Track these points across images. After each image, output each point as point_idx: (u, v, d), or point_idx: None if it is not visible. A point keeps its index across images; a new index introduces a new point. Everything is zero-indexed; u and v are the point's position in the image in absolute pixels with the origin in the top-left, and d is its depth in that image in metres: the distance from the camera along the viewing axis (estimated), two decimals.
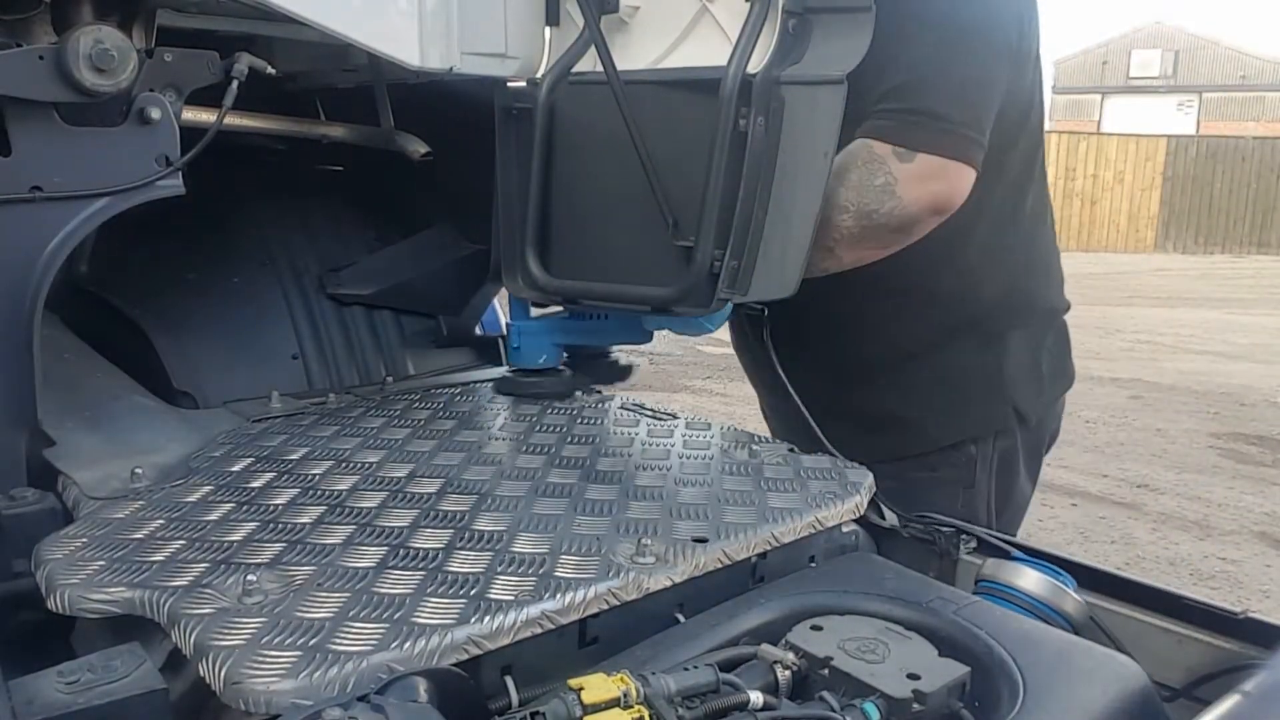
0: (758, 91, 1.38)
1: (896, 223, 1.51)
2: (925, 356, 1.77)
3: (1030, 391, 1.82)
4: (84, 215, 1.31)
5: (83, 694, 0.85)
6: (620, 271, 1.62)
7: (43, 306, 1.30)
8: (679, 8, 1.50)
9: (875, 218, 1.50)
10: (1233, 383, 8.18)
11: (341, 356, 2.02)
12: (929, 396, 1.78)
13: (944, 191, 1.51)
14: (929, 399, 1.78)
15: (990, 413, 1.79)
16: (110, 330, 1.79)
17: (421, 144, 2.03)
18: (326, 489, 1.33)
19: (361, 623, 0.95)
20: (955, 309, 1.76)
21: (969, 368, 1.77)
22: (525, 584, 1.05)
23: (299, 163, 2.28)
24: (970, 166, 1.51)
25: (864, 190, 1.50)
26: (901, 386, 1.79)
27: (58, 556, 1.09)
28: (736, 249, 1.44)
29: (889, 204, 1.49)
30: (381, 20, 1.44)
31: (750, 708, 0.89)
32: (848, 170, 1.51)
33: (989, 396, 1.78)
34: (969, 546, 1.34)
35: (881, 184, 1.49)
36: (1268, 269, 17.77)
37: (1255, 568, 4.49)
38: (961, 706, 0.93)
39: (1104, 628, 1.19)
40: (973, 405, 1.78)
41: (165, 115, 1.34)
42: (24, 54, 1.23)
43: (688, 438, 1.61)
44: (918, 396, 1.78)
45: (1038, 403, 1.84)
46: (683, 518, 1.25)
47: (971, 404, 1.78)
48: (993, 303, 1.77)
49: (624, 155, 1.51)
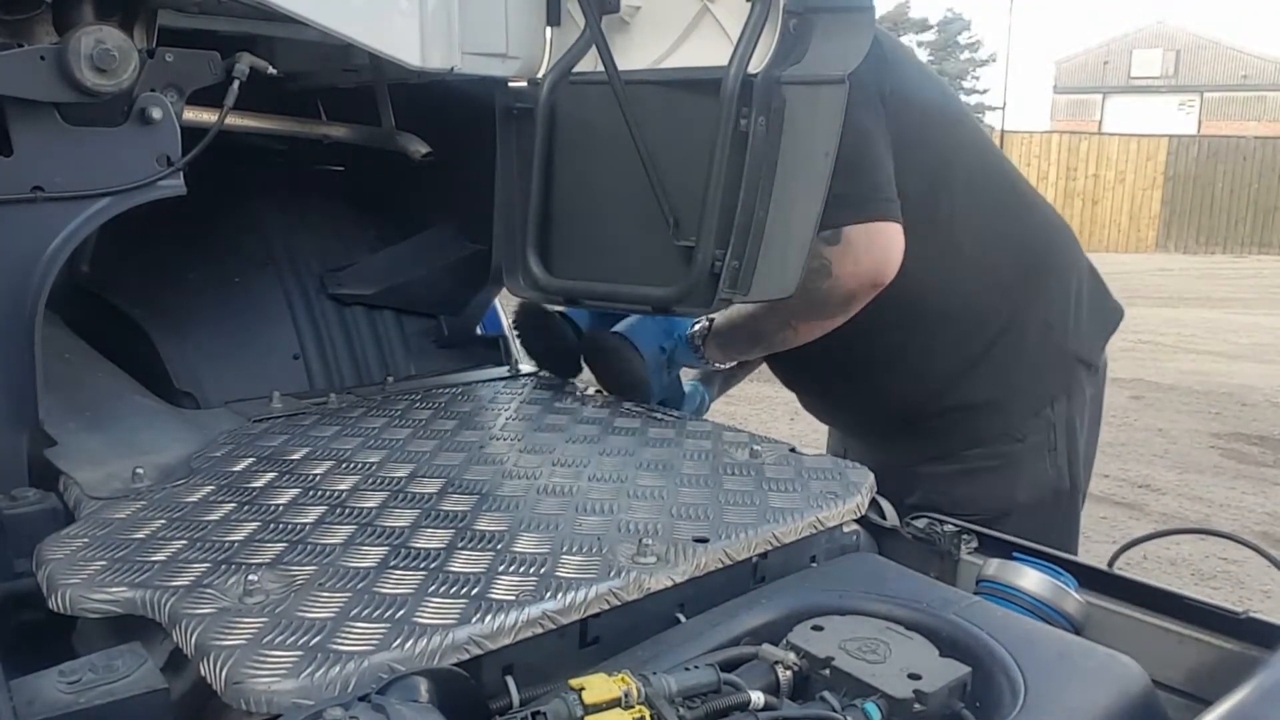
0: (759, 91, 1.38)
1: (838, 298, 1.66)
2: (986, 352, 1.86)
3: (1081, 336, 1.94)
4: (85, 215, 1.31)
5: (84, 694, 0.85)
6: (621, 271, 1.62)
7: (44, 306, 1.30)
8: (680, 7, 1.50)
9: (817, 295, 1.64)
10: (1234, 383, 8.17)
11: (342, 356, 2.02)
12: (1004, 379, 1.87)
13: (874, 264, 1.63)
14: (1005, 381, 1.87)
15: (1053, 375, 1.89)
16: (111, 330, 1.79)
17: (422, 144, 2.03)
18: (328, 489, 1.33)
19: (363, 622, 0.95)
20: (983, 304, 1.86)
21: (1024, 343, 1.87)
22: (526, 584, 1.05)
23: (300, 163, 2.29)
24: (889, 220, 1.63)
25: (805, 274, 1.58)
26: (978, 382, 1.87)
27: (59, 556, 1.09)
28: (737, 249, 1.44)
29: (826, 283, 1.63)
30: (382, 20, 1.44)
31: (751, 708, 0.89)
32: None
33: (1047, 360, 1.89)
34: (970, 546, 1.34)
35: (818, 266, 1.61)
36: (1269, 269, 17.75)
37: (1256, 568, 4.48)
38: (962, 707, 0.93)
39: None
40: (1038, 372, 1.88)
41: (166, 115, 1.34)
42: (25, 54, 1.23)
43: (689, 437, 1.61)
44: (994, 382, 1.87)
45: (1096, 340, 1.97)
46: (684, 518, 1.25)
47: (1037, 371, 1.88)
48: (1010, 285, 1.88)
49: (625, 155, 1.51)
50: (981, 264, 1.84)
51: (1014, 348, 1.87)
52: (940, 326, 1.83)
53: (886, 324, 1.76)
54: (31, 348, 1.30)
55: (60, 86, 1.24)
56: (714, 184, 1.42)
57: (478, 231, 1.97)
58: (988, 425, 1.87)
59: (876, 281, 1.64)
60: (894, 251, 1.63)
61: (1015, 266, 1.89)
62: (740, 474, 1.43)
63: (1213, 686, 1.07)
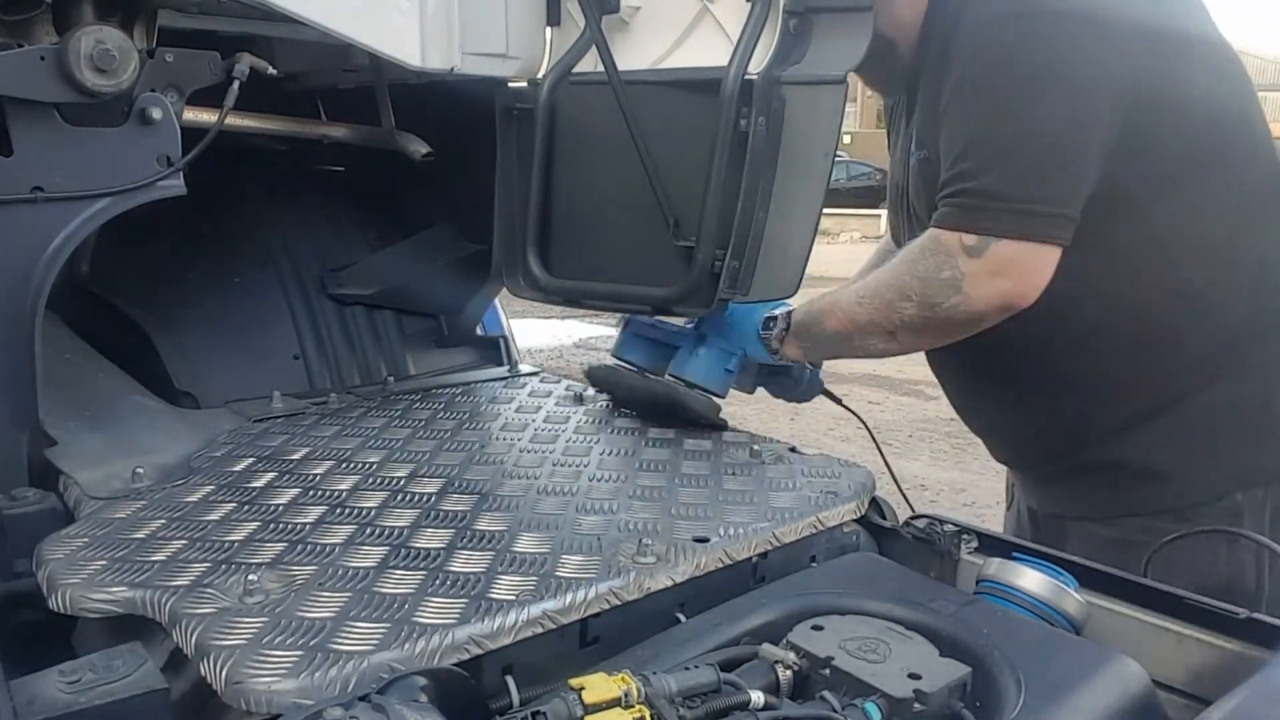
0: (759, 91, 1.38)
1: (961, 318, 1.43)
2: (1172, 406, 1.52)
3: None
4: (85, 215, 1.31)
5: (84, 693, 0.85)
6: (621, 272, 1.62)
7: (44, 306, 1.31)
8: (680, 8, 1.50)
9: (939, 311, 1.43)
10: None
11: (343, 356, 2.03)
12: (1183, 447, 1.52)
13: (1013, 290, 1.38)
14: (1183, 449, 1.52)
15: (1258, 459, 1.52)
16: (112, 330, 1.79)
17: (422, 144, 2.03)
18: (328, 489, 1.33)
19: (363, 622, 0.95)
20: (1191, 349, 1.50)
21: (1227, 409, 1.51)
22: (526, 584, 1.05)
23: (300, 163, 2.29)
24: (1050, 245, 1.36)
25: (929, 282, 1.42)
26: (1150, 440, 1.53)
27: (59, 556, 1.09)
28: (737, 249, 1.44)
29: (954, 299, 1.41)
30: (382, 20, 1.44)
31: (751, 707, 0.89)
32: (916, 260, 1.44)
33: (1256, 440, 1.52)
34: (970, 546, 1.34)
35: (948, 278, 1.40)
36: None
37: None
38: (963, 706, 0.93)
39: None
40: (1235, 451, 1.52)
41: (166, 115, 1.34)
42: (25, 54, 1.23)
43: (689, 438, 1.61)
44: (1171, 448, 1.52)
45: None
46: (684, 517, 1.25)
47: (1233, 450, 1.52)
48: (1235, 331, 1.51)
49: (625, 155, 1.51)
50: (1207, 297, 1.48)
51: (1216, 410, 1.50)
52: (1133, 358, 1.50)
53: (1066, 339, 1.50)
54: (31, 348, 1.30)
55: (60, 86, 1.24)
56: (714, 184, 1.42)
57: (478, 231, 1.97)
58: (1148, 496, 1.53)
59: (1012, 307, 1.40)
60: (1042, 279, 1.37)
61: (1249, 311, 1.51)
62: (740, 474, 1.43)
63: (1213, 686, 1.07)
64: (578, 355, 8.51)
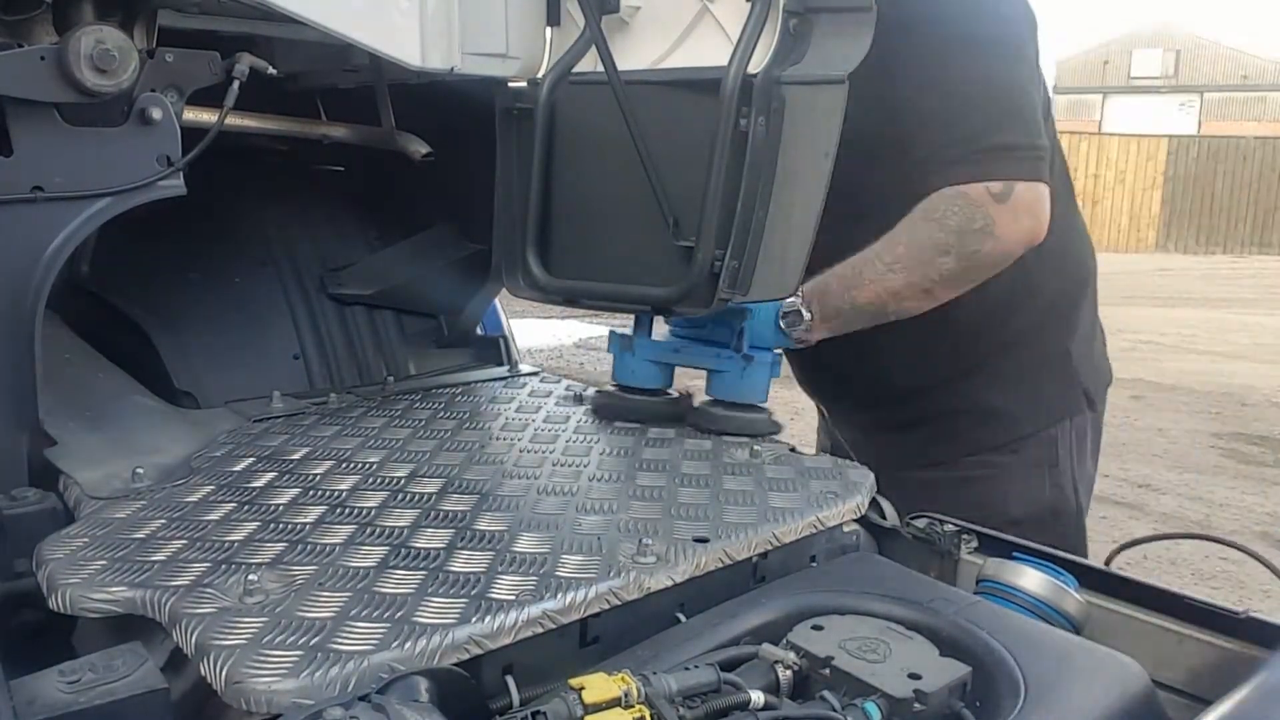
0: (758, 91, 1.38)
1: (997, 259, 1.61)
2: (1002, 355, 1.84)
3: (1092, 371, 1.92)
4: (85, 215, 1.31)
5: (84, 693, 0.85)
6: (621, 271, 1.62)
7: (44, 306, 1.30)
8: (680, 7, 1.50)
9: (976, 258, 1.60)
10: (1234, 383, 8.17)
11: (343, 356, 2.03)
12: (1014, 389, 1.85)
13: (1035, 226, 1.60)
14: (1014, 392, 1.85)
15: (1064, 397, 1.87)
16: (111, 330, 1.79)
17: (422, 144, 2.03)
18: (328, 489, 1.33)
19: (363, 622, 0.95)
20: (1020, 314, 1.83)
21: (1042, 359, 1.86)
22: (526, 584, 1.05)
23: (300, 163, 2.28)
24: (1045, 183, 1.60)
25: (964, 234, 1.58)
26: (985, 385, 1.85)
27: (59, 556, 1.09)
28: (737, 249, 1.44)
29: (988, 245, 1.58)
30: (382, 20, 1.44)
31: (751, 707, 0.89)
32: (945, 216, 1.59)
33: (1064, 381, 1.87)
34: (970, 546, 1.34)
35: (981, 226, 1.57)
36: (1269, 269, 17.74)
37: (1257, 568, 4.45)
38: (963, 706, 0.93)
39: None
40: (1049, 391, 1.86)
41: (166, 115, 1.34)
42: (25, 54, 1.23)
43: (689, 437, 1.60)
44: (1000, 392, 1.85)
45: (1099, 383, 1.94)
46: (684, 517, 1.25)
47: (1048, 390, 1.86)
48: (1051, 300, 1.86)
49: (625, 155, 1.51)
50: (1035, 274, 1.76)
51: (1032, 361, 1.85)
52: (970, 319, 1.76)
53: None
54: (31, 348, 1.30)
55: (60, 86, 1.24)
56: (713, 184, 1.42)
57: (478, 231, 1.97)
58: (988, 434, 1.84)
59: (1035, 241, 1.61)
60: (1049, 215, 1.61)
61: (1059, 288, 1.86)
62: (740, 474, 1.43)
63: (1213, 686, 1.07)
64: (578, 355, 8.51)
